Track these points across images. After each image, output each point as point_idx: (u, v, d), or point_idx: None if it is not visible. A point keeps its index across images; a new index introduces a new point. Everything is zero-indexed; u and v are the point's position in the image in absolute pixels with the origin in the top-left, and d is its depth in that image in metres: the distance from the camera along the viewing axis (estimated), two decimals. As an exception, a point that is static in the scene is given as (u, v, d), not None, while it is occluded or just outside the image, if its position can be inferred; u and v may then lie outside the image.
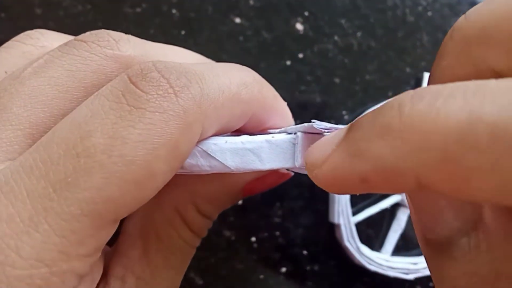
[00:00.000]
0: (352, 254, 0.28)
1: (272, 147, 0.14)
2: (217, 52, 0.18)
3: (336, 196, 0.27)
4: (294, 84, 0.28)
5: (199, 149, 0.14)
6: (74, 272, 0.12)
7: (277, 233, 0.28)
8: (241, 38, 0.27)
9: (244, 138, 0.14)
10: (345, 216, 0.28)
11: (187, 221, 0.17)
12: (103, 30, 0.16)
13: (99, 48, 0.15)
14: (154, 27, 0.25)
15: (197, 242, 0.18)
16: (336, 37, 0.28)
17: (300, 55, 0.28)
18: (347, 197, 0.28)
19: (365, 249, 0.28)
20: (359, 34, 0.29)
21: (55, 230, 0.12)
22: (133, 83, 0.13)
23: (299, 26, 0.28)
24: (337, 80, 0.29)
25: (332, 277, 0.29)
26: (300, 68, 0.28)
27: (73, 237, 0.12)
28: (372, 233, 0.30)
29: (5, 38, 0.18)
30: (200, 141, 0.14)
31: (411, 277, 0.29)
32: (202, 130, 0.13)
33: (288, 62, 0.28)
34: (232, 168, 0.14)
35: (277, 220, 0.28)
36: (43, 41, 0.17)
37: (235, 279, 0.27)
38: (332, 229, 0.29)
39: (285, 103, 0.18)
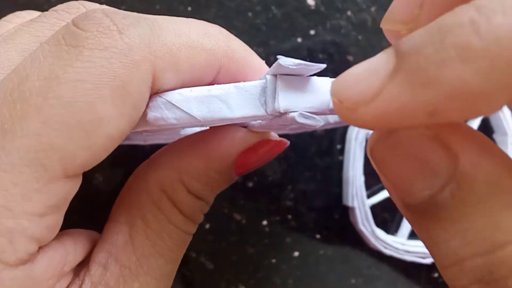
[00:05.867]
0: (367, 238, 0.27)
1: (241, 92, 0.13)
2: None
3: (350, 178, 0.27)
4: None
5: (163, 100, 0.13)
6: (24, 234, 0.12)
7: (289, 216, 0.27)
8: (249, 14, 0.26)
9: (211, 86, 0.13)
10: (359, 199, 0.27)
11: (176, 202, 0.15)
12: (77, 1, 0.15)
13: (68, 15, 0.14)
14: (160, 3, 0.24)
15: (192, 228, 0.16)
16: (349, 13, 0.27)
17: (312, 32, 0.27)
18: (362, 179, 0.27)
19: (380, 232, 0.28)
20: (373, 9, 0.28)
21: None
22: (75, 25, 0.12)
23: (310, 1, 0.26)
24: (350, 58, 0.27)
25: (346, 262, 0.28)
26: (312, 46, 0.27)
27: (16, 191, 0.11)
28: (388, 216, 0.29)
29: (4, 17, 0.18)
30: (164, 92, 0.13)
31: (428, 261, 0.28)
32: (156, 73, 0.12)
33: (299, 39, 0.26)
34: (199, 119, 0.13)
35: (289, 203, 0.27)
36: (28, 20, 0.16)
37: (247, 264, 0.27)
38: (346, 212, 0.28)
39: (263, 61, 0.16)
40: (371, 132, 0.28)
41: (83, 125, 0.11)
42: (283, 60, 0.12)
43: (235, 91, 0.13)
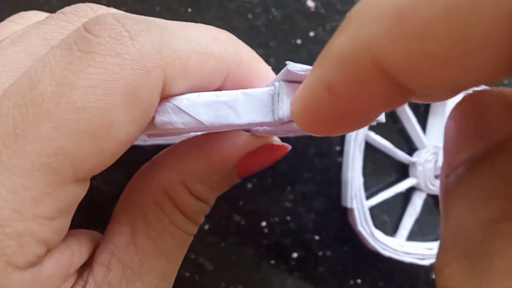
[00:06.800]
0: (365, 239, 0.27)
1: (249, 99, 0.13)
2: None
3: (349, 179, 0.27)
4: (305, 64, 0.27)
5: (171, 104, 0.13)
6: (33, 237, 0.12)
7: (288, 218, 0.27)
8: (249, 15, 0.26)
9: (219, 92, 0.13)
10: (358, 200, 0.27)
11: (178, 204, 0.16)
12: (84, 3, 0.15)
13: (76, 17, 0.14)
14: (160, 4, 0.24)
15: (193, 229, 0.16)
16: (349, 14, 0.27)
17: (312, 34, 0.27)
18: (361, 180, 0.27)
19: (379, 234, 0.28)
20: (373, 11, 0.28)
21: (6, 186, 0.11)
22: (86, 30, 0.12)
23: (310, 3, 0.27)
24: (350, 60, 0.28)
25: (345, 263, 0.28)
26: (312, 47, 0.27)
27: (27, 194, 0.11)
28: (386, 217, 0.29)
29: (5, 18, 0.18)
30: (172, 97, 0.13)
31: (426, 262, 0.28)
32: (167, 79, 0.13)
33: (299, 41, 0.27)
34: (207, 124, 0.13)
35: (288, 204, 0.27)
36: (34, 20, 0.16)
37: (246, 265, 0.27)
38: (345, 214, 0.28)
39: (269, 67, 0.17)
40: (370, 133, 0.28)
41: (95, 130, 0.12)
42: (291, 66, 0.12)
43: (243, 97, 0.13)
